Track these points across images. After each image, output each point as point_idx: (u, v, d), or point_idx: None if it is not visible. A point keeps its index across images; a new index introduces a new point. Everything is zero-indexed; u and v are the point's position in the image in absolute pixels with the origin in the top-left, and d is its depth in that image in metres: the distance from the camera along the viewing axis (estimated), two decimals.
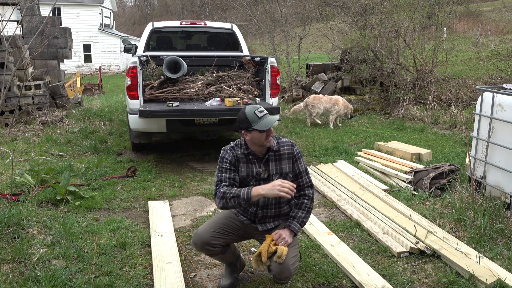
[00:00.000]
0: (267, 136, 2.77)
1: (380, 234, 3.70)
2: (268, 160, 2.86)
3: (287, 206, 2.96)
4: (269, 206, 2.89)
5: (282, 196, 2.62)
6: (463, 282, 2.96)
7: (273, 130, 2.82)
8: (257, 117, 2.74)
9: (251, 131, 2.75)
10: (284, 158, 2.87)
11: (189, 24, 7.45)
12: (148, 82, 6.19)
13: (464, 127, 7.61)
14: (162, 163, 6.08)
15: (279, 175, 2.84)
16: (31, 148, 6.44)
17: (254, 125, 2.72)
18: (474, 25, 18.30)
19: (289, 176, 2.86)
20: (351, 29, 11.52)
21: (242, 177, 2.84)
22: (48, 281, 2.88)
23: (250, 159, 2.86)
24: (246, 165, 2.85)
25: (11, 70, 7.50)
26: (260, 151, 2.85)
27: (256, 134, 2.76)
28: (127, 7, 60.41)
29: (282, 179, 2.71)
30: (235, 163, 2.84)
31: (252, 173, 2.84)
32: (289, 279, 2.86)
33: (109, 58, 34.65)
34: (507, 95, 3.97)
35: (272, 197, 2.78)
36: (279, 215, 2.95)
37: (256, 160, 2.85)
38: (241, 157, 2.85)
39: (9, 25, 9.01)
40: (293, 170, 2.89)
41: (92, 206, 4.36)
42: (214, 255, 2.90)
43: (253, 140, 2.79)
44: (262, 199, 2.80)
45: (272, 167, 2.85)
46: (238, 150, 2.87)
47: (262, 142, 2.78)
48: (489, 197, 4.03)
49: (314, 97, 8.56)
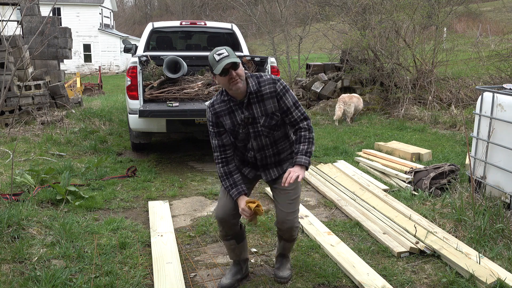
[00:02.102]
0: (230, 80, 2.58)
1: (380, 234, 3.70)
2: (250, 103, 2.70)
3: (287, 153, 2.89)
4: (266, 148, 2.81)
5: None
6: (463, 282, 2.96)
7: (242, 72, 2.63)
8: (215, 60, 2.56)
9: (215, 76, 2.63)
10: (267, 98, 2.70)
11: (189, 24, 7.45)
12: (148, 82, 6.19)
13: (464, 127, 7.61)
14: (162, 163, 6.08)
15: (265, 116, 2.72)
16: (31, 148, 6.44)
17: (214, 69, 2.58)
18: (474, 25, 18.31)
19: (276, 115, 2.73)
20: (351, 29, 11.52)
21: (229, 129, 2.75)
22: (48, 281, 2.88)
23: (232, 106, 2.72)
24: (229, 116, 2.74)
25: (11, 70, 7.50)
26: (239, 96, 2.68)
27: (220, 79, 2.62)
28: (127, 7, 60.41)
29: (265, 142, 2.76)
30: (217, 121, 2.75)
31: (237, 121, 2.73)
32: (292, 232, 2.87)
33: (109, 58, 34.66)
34: (507, 95, 3.97)
35: (264, 140, 2.77)
36: (280, 161, 2.88)
37: (238, 106, 2.71)
38: (222, 109, 2.74)
39: (9, 25, 9.01)
40: (280, 108, 2.72)
41: (92, 206, 4.36)
42: (234, 235, 2.89)
43: (222, 85, 2.68)
44: (255, 141, 2.77)
45: (256, 110, 2.71)
46: (218, 101, 2.75)
47: (228, 87, 2.63)
48: (489, 197, 4.03)
49: (348, 96, 8.95)
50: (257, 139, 2.77)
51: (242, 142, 2.82)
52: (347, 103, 8.76)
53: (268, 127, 2.76)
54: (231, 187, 2.76)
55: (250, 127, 2.74)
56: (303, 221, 3.94)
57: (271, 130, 2.76)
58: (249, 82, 2.70)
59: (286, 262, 3.12)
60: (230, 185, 2.77)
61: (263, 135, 2.77)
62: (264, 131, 2.76)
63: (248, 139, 2.80)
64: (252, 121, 2.73)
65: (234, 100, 2.72)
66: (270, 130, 2.76)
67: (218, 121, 2.76)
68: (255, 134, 2.77)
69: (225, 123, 2.76)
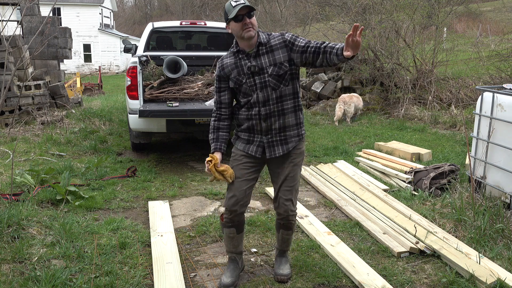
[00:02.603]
0: (244, 26, 2.65)
1: (380, 234, 3.70)
2: (259, 54, 2.76)
3: (292, 120, 2.87)
4: (271, 102, 2.78)
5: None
6: (463, 282, 2.96)
7: (255, 23, 2.73)
8: (231, 6, 2.65)
9: (229, 23, 2.70)
10: (276, 48, 2.76)
11: (189, 24, 7.44)
12: (148, 82, 6.19)
13: (464, 127, 7.61)
14: (162, 163, 6.08)
15: (273, 66, 2.75)
16: (31, 148, 6.44)
17: (230, 14, 2.65)
18: (474, 25, 18.31)
19: (285, 66, 2.76)
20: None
21: (234, 79, 2.80)
22: (48, 281, 2.88)
23: (240, 58, 2.79)
24: (235, 65, 2.80)
25: (11, 70, 7.50)
26: (249, 46, 2.75)
27: (233, 26, 2.68)
28: (127, 7, 60.41)
29: (275, 72, 2.74)
30: (222, 74, 2.85)
31: (243, 71, 2.78)
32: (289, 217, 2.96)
33: (109, 58, 34.66)
34: (507, 95, 3.97)
35: (270, 92, 2.77)
36: (284, 129, 2.86)
37: (246, 57, 2.78)
38: (230, 61, 2.83)
39: (9, 25, 9.01)
40: (296, 51, 2.73)
41: (92, 206, 4.36)
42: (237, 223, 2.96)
43: (234, 32, 2.72)
44: (261, 93, 2.77)
45: (264, 60, 2.76)
46: (228, 55, 2.86)
47: (240, 34, 2.68)
48: (489, 197, 4.03)
49: (348, 96, 8.96)
50: (263, 90, 2.77)
51: (246, 96, 2.83)
52: (347, 103, 8.78)
53: (275, 78, 2.77)
54: (213, 140, 2.91)
55: (257, 78, 2.77)
56: (303, 221, 3.94)
57: (278, 82, 2.78)
58: (260, 35, 2.78)
59: (285, 261, 3.13)
60: (213, 139, 2.91)
61: (269, 86, 2.78)
62: (271, 82, 2.77)
63: (252, 93, 2.78)
64: (259, 71, 2.76)
65: (243, 51, 2.78)
66: (277, 82, 2.78)
67: (222, 74, 2.85)
68: (262, 85, 2.77)
69: (231, 78, 2.83)
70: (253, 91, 2.79)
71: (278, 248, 3.18)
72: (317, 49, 2.68)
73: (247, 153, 2.91)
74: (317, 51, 2.68)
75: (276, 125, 2.84)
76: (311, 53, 2.70)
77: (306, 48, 2.71)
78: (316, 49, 2.68)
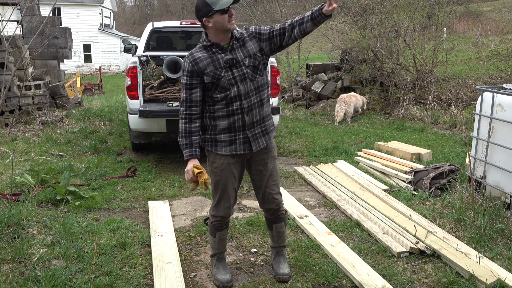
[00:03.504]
0: (230, 18, 2.63)
1: (380, 234, 3.70)
2: (233, 48, 2.74)
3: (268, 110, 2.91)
4: (251, 93, 2.78)
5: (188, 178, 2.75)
6: (463, 282, 2.96)
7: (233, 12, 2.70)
8: None
9: (212, 16, 2.61)
10: (247, 41, 2.77)
11: (189, 24, 7.44)
12: (148, 82, 6.19)
13: (464, 127, 7.60)
14: (162, 163, 6.08)
15: (248, 57, 2.75)
16: (31, 148, 6.44)
17: (215, 6, 2.57)
18: (474, 25, 18.30)
19: (258, 56, 2.78)
20: (351, 29, 11.52)
21: (211, 73, 2.69)
22: (48, 281, 2.88)
23: (214, 52, 2.72)
24: (211, 60, 2.71)
25: (11, 70, 7.50)
26: (225, 40, 2.71)
27: (218, 18, 2.61)
28: (127, 7, 60.41)
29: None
30: (194, 70, 2.71)
31: (219, 65, 2.71)
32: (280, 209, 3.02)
33: (109, 58, 34.66)
34: (507, 95, 3.97)
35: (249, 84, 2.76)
36: (264, 120, 2.88)
37: (221, 51, 2.72)
38: (203, 55, 2.71)
39: (9, 25, 9.00)
40: (264, 40, 2.78)
41: (92, 206, 4.36)
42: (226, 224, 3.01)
43: (216, 26, 2.64)
44: (242, 85, 2.74)
45: (239, 53, 2.74)
46: (198, 50, 2.74)
47: (226, 26, 2.64)
48: (489, 197, 4.03)
49: (348, 96, 8.96)
50: (243, 82, 2.75)
51: (223, 91, 2.73)
52: (347, 103, 8.78)
53: (251, 69, 2.77)
54: (186, 146, 2.80)
55: (235, 71, 2.73)
56: (303, 221, 3.95)
57: (254, 73, 2.78)
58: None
59: (284, 260, 3.14)
60: (186, 144, 2.80)
61: (248, 78, 2.76)
62: (249, 74, 2.76)
63: (231, 86, 2.73)
64: (236, 64, 2.73)
65: (217, 46, 2.71)
66: (254, 73, 2.78)
67: (196, 69, 2.70)
68: (241, 78, 2.75)
69: (206, 73, 2.70)
70: (232, 85, 2.74)
71: (275, 247, 3.18)
72: (282, 30, 2.76)
73: (234, 153, 2.83)
74: (282, 32, 2.76)
75: (258, 116, 2.84)
76: (277, 35, 2.77)
77: (272, 33, 2.78)
78: (281, 30, 2.76)
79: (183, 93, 2.78)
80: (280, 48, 2.85)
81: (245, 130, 2.82)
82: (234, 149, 2.83)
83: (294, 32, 2.74)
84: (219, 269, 3.03)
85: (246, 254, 3.46)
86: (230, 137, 2.82)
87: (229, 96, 2.74)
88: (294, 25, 2.73)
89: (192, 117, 2.78)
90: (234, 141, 2.82)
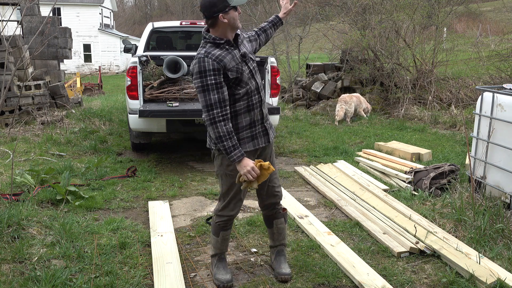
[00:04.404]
0: (238, 15, 2.70)
1: (380, 234, 3.70)
2: (239, 44, 2.78)
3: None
4: (261, 87, 2.89)
5: (245, 177, 2.64)
6: (463, 282, 2.96)
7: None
8: None
9: (229, 12, 2.59)
10: (242, 39, 2.88)
11: (189, 24, 7.45)
12: (148, 82, 6.19)
13: (464, 127, 7.60)
14: (162, 163, 6.08)
15: (251, 53, 2.89)
16: (31, 148, 6.44)
17: (232, 2, 2.56)
18: (474, 25, 18.29)
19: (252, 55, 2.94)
20: (351, 29, 11.52)
21: (234, 68, 2.65)
22: (48, 281, 2.88)
23: (228, 48, 2.69)
24: (230, 56, 2.68)
25: (11, 70, 7.50)
26: (232, 38, 2.73)
27: (233, 14, 2.62)
28: (127, 7, 60.41)
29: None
30: (222, 67, 2.61)
31: (238, 60, 2.70)
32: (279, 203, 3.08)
33: (109, 58, 34.66)
34: (507, 95, 3.97)
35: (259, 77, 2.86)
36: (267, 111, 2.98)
37: (233, 47, 2.73)
38: (222, 52, 2.66)
39: (9, 25, 9.00)
40: (252, 41, 2.99)
41: (92, 206, 4.36)
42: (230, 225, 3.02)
43: (230, 22, 2.62)
44: (257, 78, 2.82)
45: (246, 48, 2.83)
46: (212, 49, 2.65)
47: (237, 23, 2.68)
48: (489, 197, 4.03)
49: (349, 96, 8.97)
50: (256, 75, 2.84)
51: (245, 85, 2.72)
52: (348, 103, 8.78)
53: (257, 63, 2.94)
54: (234, 148, 2.62)
55: (249, 64, 2.80)
56: (303, 221, 3.95)
57: (258, 66, 2.99)
58: None
59: (284, 260, 3.14)
60: (233, 146, 2.62)
61: (257, 71, 2.88)
62: (256, 67, 2.89)
63: (249, 80, 2.77)
64: (248, 58, 2.81)
65: (229, 43, 2.72)
66: (258, 66, 2.95)
67: (221, 66, 2.60)
68: (254, 71, 2.84)
69: (228, 68, 2.64)
70: (250, 79, 2.78)
71: (275, 246, 3.18)
72: (259, 32, 3.07)
73: (256, 148, 2.84)
74: (259, 34, 3.06)
75: (266, 109, 2.93)
76: (257, 38, 3.05)
77: (255, 35, 3.04)
78: (259, 32, 3.07)
79: (212, 95, 2.59)
80: (259, 48, 3.11)
81: (263, 122, 2.88)
82: (257, 143, 2.85)
83: (267, 36, 3.11)
84: (220, 269, 3.03)
85: (246, 254, 3.46)
86: (251, 133, 2.83)
87: (249, 90, 2.76)
88: (265, 29, 3.10)
89: (228, 116, 2.66)
90: (255, 135, 2.84)
